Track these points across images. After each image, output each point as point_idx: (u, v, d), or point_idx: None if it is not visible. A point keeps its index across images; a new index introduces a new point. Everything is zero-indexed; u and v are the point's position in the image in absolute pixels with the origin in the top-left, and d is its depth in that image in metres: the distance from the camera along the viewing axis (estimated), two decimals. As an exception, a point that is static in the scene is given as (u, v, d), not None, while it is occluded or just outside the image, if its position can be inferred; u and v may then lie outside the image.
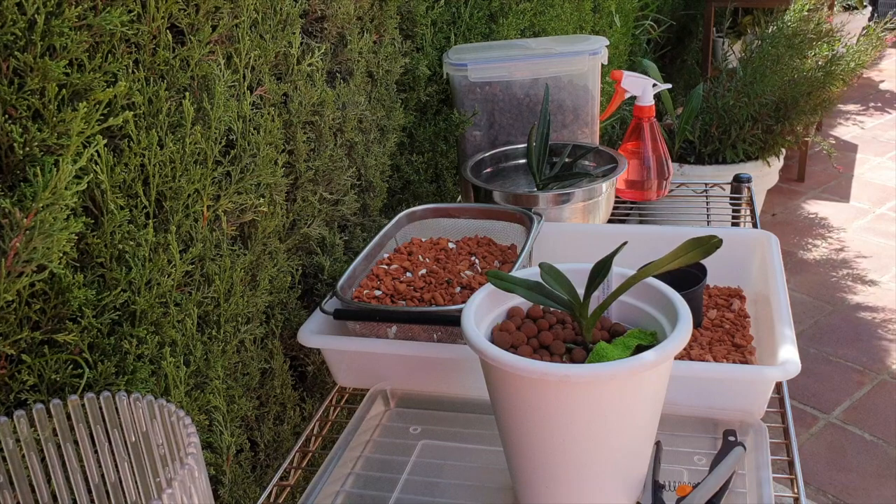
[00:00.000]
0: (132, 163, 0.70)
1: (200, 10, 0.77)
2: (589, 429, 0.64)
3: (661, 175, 1.37)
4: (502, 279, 0.70)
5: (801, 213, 3.17)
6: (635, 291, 0.73)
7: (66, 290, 0.62)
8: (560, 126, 1.40)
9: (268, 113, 0.88)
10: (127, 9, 0.68)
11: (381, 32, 1.17)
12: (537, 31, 1.75)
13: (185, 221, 0.77)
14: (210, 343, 0.82)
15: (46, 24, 0.59)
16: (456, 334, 0.88)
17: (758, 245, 1.06)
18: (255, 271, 0.90)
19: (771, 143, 2.60)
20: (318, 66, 0.98)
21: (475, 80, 1.34)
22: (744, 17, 3.42)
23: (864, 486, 1.82)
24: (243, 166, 0.85)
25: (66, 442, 0.58)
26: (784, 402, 0.89)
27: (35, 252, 0.57)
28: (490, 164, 1.33)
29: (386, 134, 1.22)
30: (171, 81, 0.75)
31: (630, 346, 0.68)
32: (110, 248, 0.68)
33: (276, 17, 0.89)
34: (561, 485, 0.68)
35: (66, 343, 0.64)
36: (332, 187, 1.07)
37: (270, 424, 0.97)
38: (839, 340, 2.35)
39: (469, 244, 1.05)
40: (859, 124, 4.08)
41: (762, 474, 0.73)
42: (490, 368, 0.67)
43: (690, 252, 0.66)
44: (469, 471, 0.80)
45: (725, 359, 0.90)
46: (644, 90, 1.36)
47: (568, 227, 1.16)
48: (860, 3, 3.99)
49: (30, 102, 0.59)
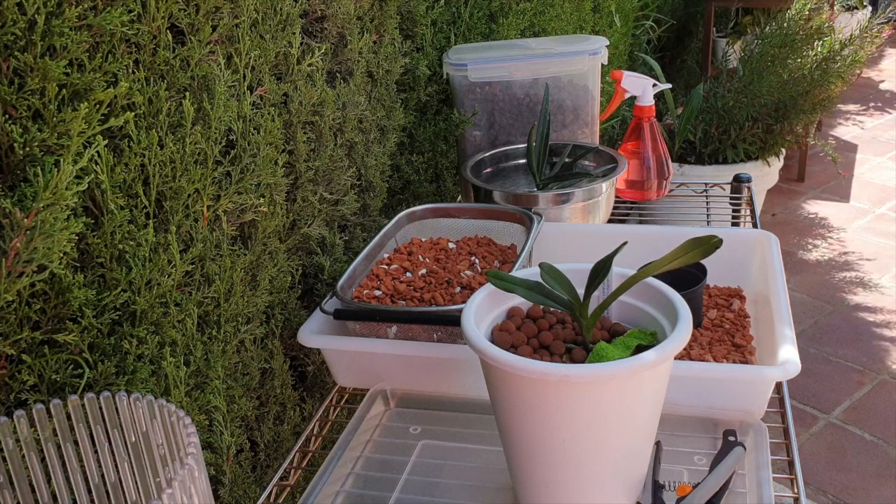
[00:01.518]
0: (132, 163, 0.70)
1: (200, 10, 0.77)
2: (589, 429, 0.64)
3: (661, 175, 1.37)
4: (502, 279, 0.70)
5: (801, 213, 3.17)
6: (635, 291, 0.73)
7: (66, 290, 0.62)
8: (560, 126, 1.40)
9: (268, 113, 0.88)
10: (127, 9, 0.68)
11: (381, 32, 1.17)
12: (537, 31, 1.75)
13: (185, 221, 0.77)
14: (210, 343, 0.82)
15: (47, 24, 0.59)
16: (456, 334, 0.88)
17: (758, 245, 1.06)
18: (255, 271, 0.90)
19: (771, 143, 2.60)
20: (319, 66, 0.98)
21: (475, 80, 1.34)
22: (744, 17, 3.42)
23: (864, 486, 1.82)
24: (243, 166, 0.85)
25: (66, 442, 0.58)
26: (784, 402, 0.89)
27: (35, 252, 0.57)
28: (490, 164, 1.33)
29: (386, 134, 1.22)
30: (172, 81, 0.75)
31: (630, 346, 0.68)
32: (110, 248, 0.68)
33: (276, 18, 0.89)
34: (561, 485, 0.68)
35: (67, 343, 0.64)
36: (332, 187, 1.07)
37: (270, 424, 0.97)
38: (839, 340, 2.35)
39: (469, 244, 1.05)
40: (859, 124, 4.08)
41: (762, 474, 0.73)
42: (490, 368, 0.67)
43: (690, 252, 0.66)
44: (469, 471, 0.80)
45: (725, 359, 0.90)
46: (644, 90, 1.36)
47: (568, 227, 1.16)
48: (860, 2, 3.99)
49: (30, 102, 0.59)
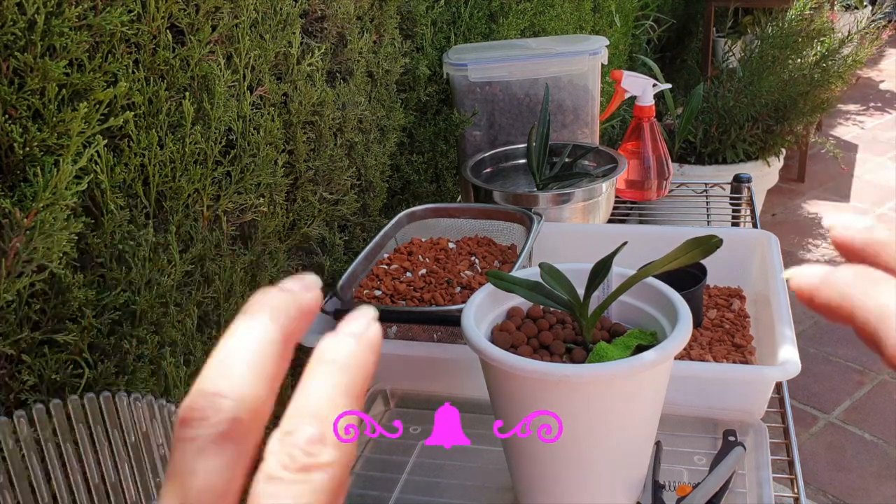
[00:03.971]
0: (132, 163, 0.70)
1: (200, 10, 0.77)
2: (589, 429, 0.64)
3: (661, 175, 1.37)
4: (502, 279, 0.70)
5: (802, 213, 3.17)
6: (635, 291, 0.73)
7: (66, 290, 0.62)
8: (560, 126, 1.40)
9: (268, 113, 0.88)
10: (127, 9, 0.68)
11: (381, 32, 1.17)
12: (537, 31, 1.75)
13: (184, 221, 0.77)
14: (210, 343, 0.82)
15: (46, 24, 0.59)
16: (456, 334, 0.88)
17: (758, 245, 1.06)
18: (254, 271, 0.90)
19: (771, 142, 2.60)
20: (318, 66, 0.98)
21: (475, 80, 1.34)
22: (744, 17, 3.42)
23: (865, 486, 1.82)
24: (243, 166, 0.85)
25: (66, 442, 0.58)
26: (784, 402, 0.89)
27: (35, 252, 0.57)
28: (490, 164, 1.33)
29: (386, 134, 1.22)
30: (171, 81, 0.75)
31: (630, 346, 0.68)
32: (110, 247, 0.68)
33: (276, 17, 0.89)
34: (561, 485, 0.68)
35: (66, 343, 0.64)
36: (332, 187, 1.07)
37: (270, 425, 0.97)
38: (839, 340, 2.35)
39: (469, 244, 1.05)
40: (859, 124, 4.08)
41: (762, 474, 0.73)
42: (490, 368, 0.66)
43: (690, 252, 0.66)
44: (469, 471, 0.80)
45: (725, 359, 0.90)
46: (644, 90, 1.36)
47: (568, 227, 1.16)
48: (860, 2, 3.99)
49: (30, 102, 0.59)
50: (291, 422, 0.22)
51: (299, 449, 0.22)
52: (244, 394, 0.22)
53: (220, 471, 0.21)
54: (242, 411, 0.22)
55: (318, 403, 0.23)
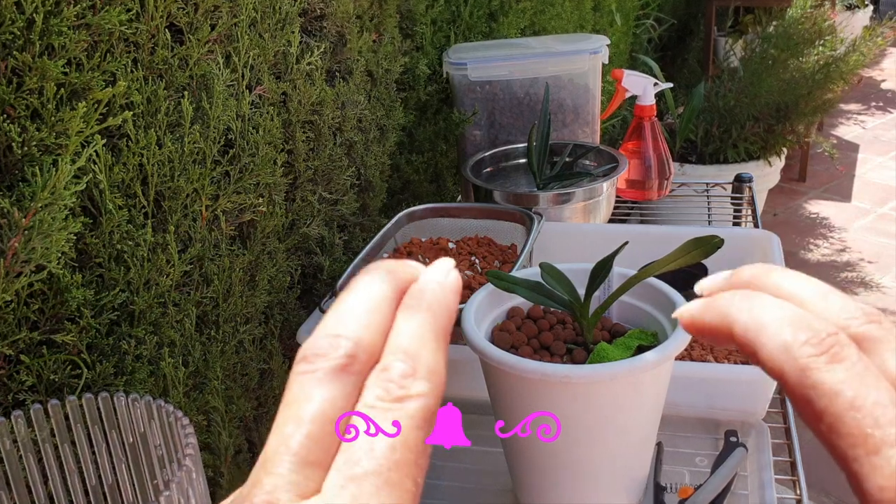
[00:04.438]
0: (131, 162, 0.69)
1: (199, 9, 0.77)
2: (590, 430, 0.64)
3: (662, 175, 1.37)
4: (502, 279, 0.70)
5: (803, 213, 3.17)
6: (636, 291, 0.73)
7: (64, 290, 0.62)
8: (560, 125, 1.39)
9: (267, 112, 0.88)
10: (125, 8, 0.67)
11: (380, 31, 1.17)
12: (537, 30, 1.75)
13: (183, 221, 0.77)
14: (209, 343, 0.82)
15: (45, 23, 0.59)
16: (456, 334, 0.88)
17: (759, 245, 1.05)
18: (254, 271, 0.90)
19: (772, 142, 2.60)
20: (318, 65, 0.98)
21: (475, 79, 1.34)
22: (745, 16, 3.42)
23: (866, 486, 1.81)
24: (242, 166, 0.85)
25: (64, 443, 0.58)
26: (786, 403, 0.89)
27: (33, 252, 0.57)
28: (490, 163, 1.32)
29: (385, 133, 1.22)
30: (170, 81, 0.74)
31: (631, 346, 0.68)
32: (109, 247, 0.68)
33: (275, 16, 0.89)
34: (561, 487, 0.67)
35: (65, 343, 0.63)
36: (331, 187, 1.07)
37: (269, 425, 0.97)
38: (840, 340, 2.34)
39: (469, 244, 1.05)
40: (861, 124, 4.08)
41: (764, 476, 0.73)
42: (490, 369, 0.66)
43: (691, 252, 0.66)
44: (469, 472, 0.80)
45: (727, 359, 0.90)
46: (645, 89, 1.35)
47: (568, 226, 1.15)
48: (861, 1, 3.98)
49: (28, 102, 0.59)
50: (386, 359, 0.25)
51: (393, 382, 0.24)
52: (360, 337, 0.25)
53: (334, 399, 0.24)
54: (359, 350, 0.25)
55: (409, 342, 0.26)
